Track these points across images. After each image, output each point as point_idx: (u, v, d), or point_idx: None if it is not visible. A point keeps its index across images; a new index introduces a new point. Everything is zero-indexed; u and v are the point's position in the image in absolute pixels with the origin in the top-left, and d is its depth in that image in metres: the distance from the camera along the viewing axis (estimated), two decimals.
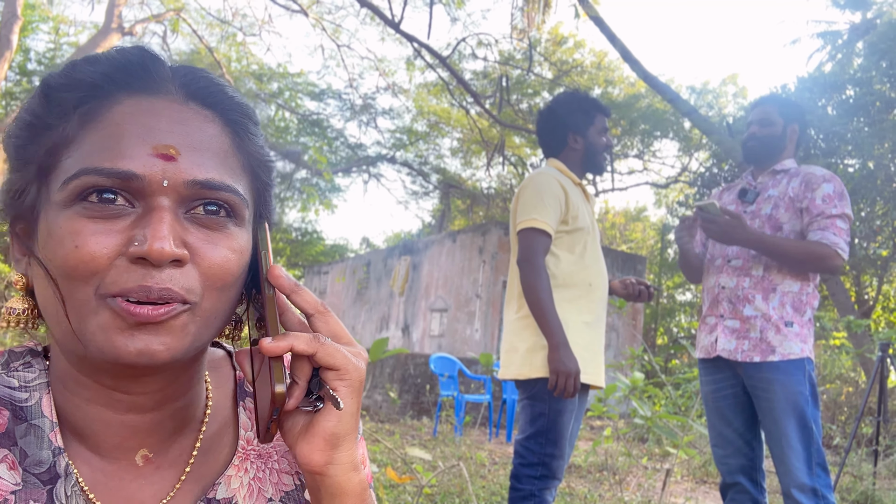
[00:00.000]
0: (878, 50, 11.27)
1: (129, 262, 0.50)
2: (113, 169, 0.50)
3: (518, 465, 2.12)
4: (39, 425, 0.56)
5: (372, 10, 8.99)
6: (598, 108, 2.38)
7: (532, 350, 2.15)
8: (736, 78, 18.97)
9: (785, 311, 2.27)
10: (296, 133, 16.75)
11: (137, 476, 0.59)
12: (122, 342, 0.50)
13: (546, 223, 2.17)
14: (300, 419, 0.57)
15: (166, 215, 0.51)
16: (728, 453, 2.31)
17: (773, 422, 2.19)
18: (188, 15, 13.07)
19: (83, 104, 0.53)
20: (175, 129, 0.53)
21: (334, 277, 16.68)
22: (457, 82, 10.69)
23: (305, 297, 0.58)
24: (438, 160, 18.59)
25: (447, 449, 5.70)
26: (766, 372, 2.23)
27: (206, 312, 0.54)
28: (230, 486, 0.62)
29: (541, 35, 13.51)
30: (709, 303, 2.42)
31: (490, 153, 12.68)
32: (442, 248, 12.72)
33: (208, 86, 0.57)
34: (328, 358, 0.54)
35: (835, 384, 8.55)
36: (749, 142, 2.47)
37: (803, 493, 2.11)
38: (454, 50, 9.94)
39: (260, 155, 0.60)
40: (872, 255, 13.81)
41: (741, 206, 2.43)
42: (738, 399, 2.34)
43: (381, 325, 14.08)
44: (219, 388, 0.67)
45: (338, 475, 0.56)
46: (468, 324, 11.32)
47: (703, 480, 5.27)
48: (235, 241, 0.55)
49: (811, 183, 2.31)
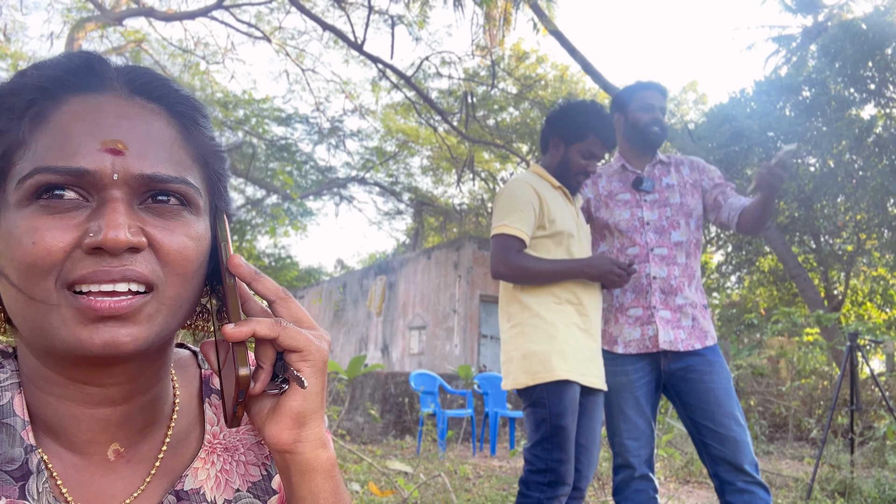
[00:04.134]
0: (830, 52, 11.62)
1: (85, 253, 0.51)
2: (64, 166, 0.52)
3: (527, 472, 2.09)
4: (11, 424, 0.57)
5: (335, 32, 9.05)
6: (595, 131, 2.24)
7: (526, 357, 2.12)
8: (696, 85, 19.43)
9: (700, 296, 2.39)
10: (264, 159, 16.67)
11: (109, 471, 0.60)
12: (86, 335, 0.51)
13: (518, 229, 2.15)
14: (267, 402, 0.59)
15: (120, 206, 0.52)
16: (641, 444, 2.29)
17: (717, 404, 2.21)
18: (149, 46, 13.01)
19: (32, 106, 0.55)
20: (122, 123, 0.55)
21: (310, 301, 16.54)
22: (423, 101, 10.77)
23: (266, 285, 0.59)
24: (409, 179, 18.64)
25: (430, 465, 5.66)
26: (707, 356, 2.29)
27: (171, 300, 0.55)
28: (197, 478, 0.63)
29: (503, 51, 13.69)
30: (632, 294, 2.35)
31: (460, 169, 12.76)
32: (417, 266, 12.72)
33: (152, 80, 0.59)
34: (290, 340, 0.56)
35: (810, 379, 8.68)
36: (654, 127, 2.41)
37: (753, 467, 2.16)
38: (418, 69, 10.03)
39: (210, 145, 0.61)
40: (838, 251, 14.12)
41: (637, 195, 2.42)
42: (650, 389, 2.34)
43: (359, 346, 13.98)
44: (185, 386, 0.68)
45: (306, 452, 0.58)
46: (447, 340, 11.30)
47: (686, 480, 5.30)
48: (192, 228, 0.57)
49: (700, 168, 2.50)
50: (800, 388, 8.40)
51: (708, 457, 2.23)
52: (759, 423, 7.58)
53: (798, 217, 13.42)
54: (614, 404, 2.34)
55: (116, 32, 12.28)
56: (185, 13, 10.86)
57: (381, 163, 17.39)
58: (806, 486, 4.54)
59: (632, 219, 2.40)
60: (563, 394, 2.08)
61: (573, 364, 2.10)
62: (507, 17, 9.76)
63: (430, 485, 4.40)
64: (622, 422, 2.31)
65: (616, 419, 2.33)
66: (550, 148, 2.33)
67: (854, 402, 4.97)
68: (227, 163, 0.64)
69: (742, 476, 2.14)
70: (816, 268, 14.27)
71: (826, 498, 4.38)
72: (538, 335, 2.12)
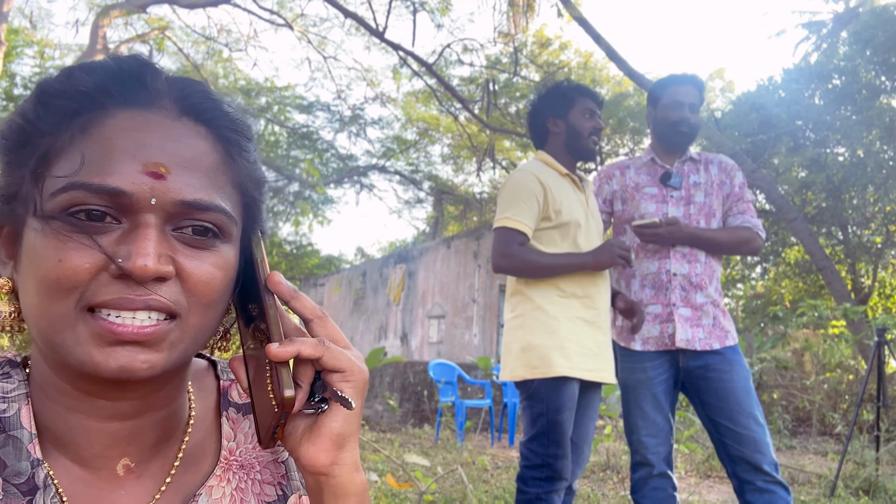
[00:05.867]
0: (862, 38, 11.34)
1: (111, 277, 0.50)
2: (102, 185, 0.50)
3: (523, 468, 2.10)
4: (18, 437, 0.56)
5: (356, 20, 9.01)
6: (580, 92, 2.28)
7: (525, 350, 2.12)
8: (723, 72, 19.01)
9: (720, 295, 2.38)
10: (286, 146, 16.74)
11: (118, 486, 0.59)
12: (101, 357, 0.50)
13: (519, 221, 2.14)
14: (301, 422, 0.58)
15: (152, 232, 0.51)
16: (659, 442, 2.27)
17: (736, 403, 2.18)
18: (173, 33, 13.08)
19: (77, 115, 0.53)
20: (167, 145, 0.53)
21: (330, 289, 16.64)
22: (444, 89, 10.71)
23: (304, 303, 0.59)
24: (430, 167, 18.59)
25: (449, 455, 5.67)
26: (727, 355, 2.26)
27: (194, 329, 0.54)
28: (212, 497, 0.62)
29: (526, 38, 13.56)
30: (652, 291, 2.34)
31: (480, 158, 12.70)
32: (437, 255, 12.71)
33: (203, 101, 0.57)
34: (334, 361, 0.55)
35: (835, 373, 8.53)
36: (683, 126, 2.37)
37: (773, 467, 2.13)
38: (439, 56, 9.96)
39: (251, 171, 0.60)
40: (867, 243, 13.84)
41: (664, 191, 2.39)
42: (669, 386, 2.32)
43: (379, 335, 14.05)
44: (202, 398, 0.67)
45: (342, 475, 0.57)
46: (466, 329, 11.30)
47: (707, 475, 5.25)
48: (221, 257, 0.55)
49: (728, 169, 2.43)
50: (825, 381, 8.26)
51: (727, 456, 2.20)
52: (783, 418, 7.48)
53: (826, 208, 13.17)
54: (632, 401, 2.31)
55: (141, 20, 12.36)
56: (209, 0, 10.89)
57: (402, 151, 17.37)
58: (830, 482, 4.47)
59: (656, 213, 2.37)
60: (561, 390, 2.07)
61: (574, 360, 2.09)
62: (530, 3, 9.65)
63: (447, 476, 4.40)
64: (640, 419, 2.29)
65: (634, 416, 2.30)
66: (550, 131, 2.31)
67: (881, 397, 4.87)
68: (265, 187, 0.63)
69: (762, 476, 2.11)
70: (844, 259, 14.00)
71: (850, 495, 4.30)
72: (539, 328, 2.12)
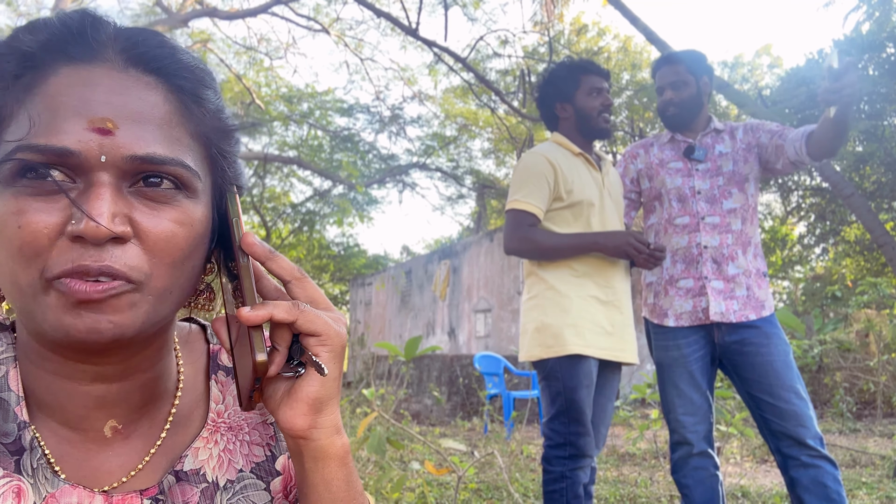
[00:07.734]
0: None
1: (69, 241, 0.49)
2: (48, 146, 0.48)
3: (547, 448, 2.10)
4: (6, 399, 0.56)
5: (388, 18, 9.07)
6: (584, 70, 2.27)
7: (539, 329, 2.12)
8: (770, 48, 18.39)
9: (758, 263, 2.28)
10: (329, 150, 16.98)
11: (105, 447, 0.59)
12: (69, 321, 0.49)
13: (529, 203, 2.14)
14: (281, 385, 0.57)
15: (105, 191, 0.49)
16: (698, 420, 2.20)
17: (775, 377, 2.10)
18: (214, 45, 13.42)
19: (22, 75, 0.51)
20: (112, 99, 0.50)
21: (377, 287, 16.81)
22: (480, 82, 10.68)
23: (282, 264, 0.57)
24: (470, 162, 18.57)
25: (497, 445, 5.66)
26: (763, 327, 2.18)
27: (158, 290, 0.52)
28: (198, 458, 0.62)
29: (562, 26, 13.40)
30: (683, 265, 2.29)
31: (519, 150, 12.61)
32: (480, 249, 12.69)
33: (150, 49, 0.54)
34: (309, 324, 0.54)
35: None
36: (668, 109, 2.37)
37: (817, 441, 2.05)
38: (472, 49, 9.93)
39: (213, 121, 0.57)
40: None
41: (690, 164, 2.34)
42: (705, 363, 2.25)
43: (427, 331, 14.12)
44: (191, 362, 0.66)
45: (321, 438, 0.57)
46: (513, 322, 11.24)
47: (764, 460, 5.10)
48: (184, 213, 0.53)
49: (754, 125, 2.37)
50: (889, 362, 7.91)
51: (769, 432, 2.13)
52: (845, 400, 7.20)
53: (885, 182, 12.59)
54: (667, 380, 2.26)
55: (184, 35, 12.72)
56: (247, 11, 11.10)
57: (442, 147, 17.40)
58: (893, 463, 4.29)
59: (683, 187, 2.33)
60: (577, 368, 2.06)
61: (587, 338, 2.07)
62: None
63: (491, 464, 4.40)
64: (676, 397, 2.23)
65: (670, 395, 2.25)
66: (560, 115, 2.31)
67: None
68: (233, 137, 0.59)
69: (806, 450, 2.03)
70: None
71: None
72: (552, 308, 2.11)
